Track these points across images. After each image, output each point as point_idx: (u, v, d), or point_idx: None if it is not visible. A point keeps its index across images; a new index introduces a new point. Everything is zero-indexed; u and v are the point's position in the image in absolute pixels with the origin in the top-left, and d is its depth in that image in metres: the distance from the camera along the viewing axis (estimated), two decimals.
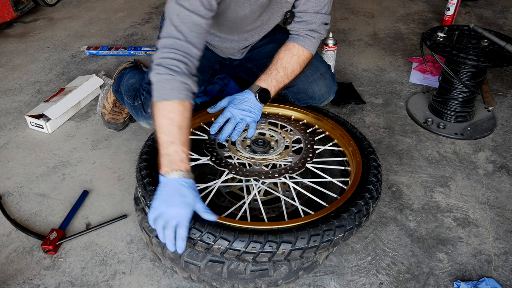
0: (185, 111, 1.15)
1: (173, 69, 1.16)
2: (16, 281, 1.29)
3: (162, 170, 1.09)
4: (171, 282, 1.28)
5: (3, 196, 1.59)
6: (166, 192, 1.06)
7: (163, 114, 1.13)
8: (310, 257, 1.14)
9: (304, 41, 1.46)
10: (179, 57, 1.17)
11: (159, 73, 1.15)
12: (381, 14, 3.11)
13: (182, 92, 1.15)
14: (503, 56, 1.77)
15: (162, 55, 1.17)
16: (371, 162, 1.29)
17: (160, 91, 1.15)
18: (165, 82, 1.14)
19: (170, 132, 1.11)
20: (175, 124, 1.12)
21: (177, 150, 1.09)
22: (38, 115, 1.92)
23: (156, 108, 1.15)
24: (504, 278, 1.30)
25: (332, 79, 1.64)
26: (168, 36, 1.18)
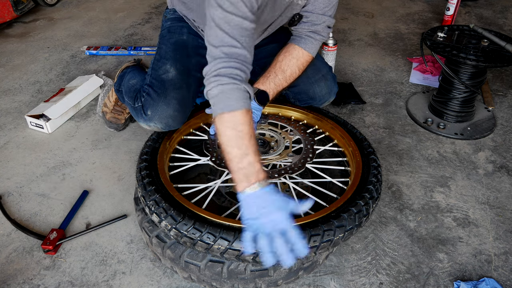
0: (251, 120, 1.10)
1: (236, 78, 1.11)
2: (16, 281, 1.29)
3: (240, 187, 1.01)
4: (171, 282, 1.28)
5: (3, 196, 1.59)
6: (254, 206, 0.98)
7: (231, 127, 1.06)
8: (310, 257, 1.14)
9: (306, 43, 1.45)
10: (239, 66, 1.12)
11: (222, 84, 1.09)
12: (381, 14, 3.11)
13: (246, 101, 1.10)
14: (503, 56, 1.77)
15: (220, 65, 1.11)
16: (371, 162, 1.29)
17: (225, 102, 1.08)
18: (230, 92, 1.09)
19: (241, 145, 1.04)
20: (246, 135, 1.05)
21: (251, 162, 1.02)
22: (38, 115, 1.92)
23: (220, 120, 1.08)
24: (504, 278, 1.30)
25: (333, 80, 1.65)
26: (222, 45, 1.13)
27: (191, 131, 1.46)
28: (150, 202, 1.12)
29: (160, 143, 1.34)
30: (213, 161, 1.27)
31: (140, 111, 1.50)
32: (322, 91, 1.60)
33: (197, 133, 1.45)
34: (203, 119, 1.49)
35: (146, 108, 1.49)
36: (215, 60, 1.12)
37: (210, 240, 1.03)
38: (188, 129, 1.46)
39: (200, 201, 1.20)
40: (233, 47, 1.13)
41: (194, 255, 1.12)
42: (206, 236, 1.03)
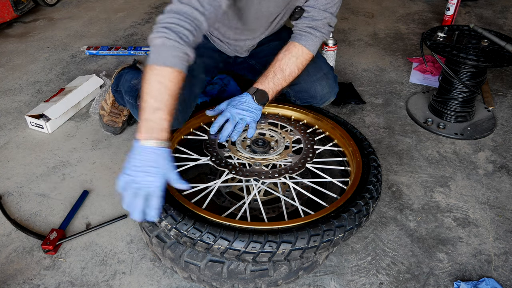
0: (181, 81, 1.12)
1: (183, 38, 1.12)
2: (16, 281, 1.29)
3: (140, 135, 1.05)
4: (171, 282, 1.28)
5: (3, 196, 1.59)
6: (140, 159, 1.03)
7: (158, 79, 1.08)
8: (310, 257, 1.14)
9: (306, 40, 1.45)
10: (191, 28, 1.13)
11: (167, 37, 1.10)
12: (381, 14, 3.11)
13: (184, 63, 1.13)
14: (503, 56, 1.77)
15: (174, 20, 1.12)
16: (371, 162, 1.29)
17: (162, 54, 1.09)
18: (171, 48, 1.10)
19: (160, 98, 1.06)
20: (169, 92, 1.08)
21: (162, 118, 1.05)
22: (38, 115, 1.92)
23: (151, 70, 1.09)
24: (504, 278, 1.30)
25: (334, 80, 1.65)
26: (187, 3, 1.14)
27: (191, 131, 1.46)
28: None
29: None
30: (213, 161, 1.26)
31: (136, 102, 1.50)
32: (323, 90, 1.60)
33: (197, 132, 1.45)
34: (203, 119, 1.49)
35: None
36: (172, 14, 1.13)
37: (210, 240, 1.03)
38: (188, 129, 1.46)
39: (200, 201, 1.20)
40: (195, 9, 1.14)
41: (194, 255, 1.12)
42: (206, 236, 1.03)
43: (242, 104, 1.38)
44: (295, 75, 1.46)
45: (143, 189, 1.01)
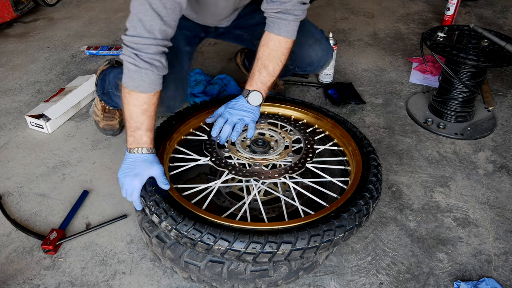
0: (157, 99, 1.23)
1: (155, 64, 1.18)
2: (16, 281, 1.29)
3: (127, 145, 1.23)
4: (171, 282, 1.28)
5: (3, 196, 1.59)
6: (126, 165, 1.21)
7: (134, 103, 1.19)
8: (310, 257, 1.14)
9: (279, 27, 1.39)
10: (160, 49, 1.18)
11: (138, 66, 1.16)
12: (381, 14, 3.11)
13: (158, 85, 1.21)
14: (503, 56, 1.77)
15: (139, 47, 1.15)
16: (371, 161, 1.29)
17: (135, 80, 1.17)
18: (146, 76, 1.17)
19: (139, 120, 1.20)
20: (145, 113, 1.20)
21: (142, 135, 1.21)
22: (38, 115, 1.92)
23: (128, 94, 1.19)
24: (504, 278, 1.30)
25: (327, 42, 1.65)
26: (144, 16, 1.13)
27: (191, 131, 1.46)
28: (150, 202, 1.12)
29: (160, 143, 1.34)
30: (213, 161, 1.26)
31: None
32: (318, 54, 1.60)
33: (197, 133, 1.45)
34: (203, 119, 1.49)
35: None
36: (135, 36, 1.15)
37: (210, 241, 1.03)
38: (188, 129, 1.46)
39: (200, 202, 1.20)
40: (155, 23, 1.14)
41: (194, 255, 1.12)
42: (206, 236, 1.03)
43: (238, 106, 1.39)
44: (281, 66, 1.44)
45: (128, 189, 1.19)
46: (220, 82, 2.09)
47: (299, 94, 2.19)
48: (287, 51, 1.43)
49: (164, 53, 1.21)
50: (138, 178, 1.18)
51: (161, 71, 1.20)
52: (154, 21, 1.14)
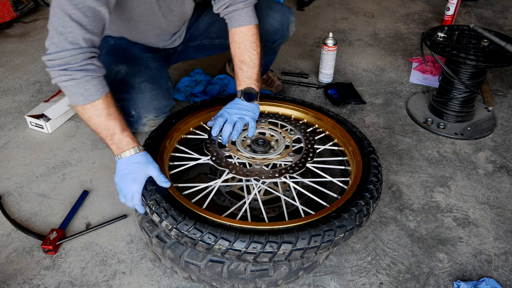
0: (112, 99, 1.19)
1: (90, 68, 1.13)
2: (16, 281, 1.29)
3: (115, 153, 1.21)
4: (171, 282, 1.28)
5: (3, 196, 1.59)
6: (120, 171, 1.19)
7: (95, 114, 1.16)
8: (310, 257, 1.14)
9: (237, 20, 1.40)
10: (88, 55, 1.13)
11: (75, 78, 1.11)
12: (381, 14, 3.11)
13: (104, 86, 1.17)
14: (503, 56, 1.77)
15: (66, 60, 1.10)
16: (371, 161, 1.29)
17: (84, 94, 1.13)
18: (87, 84, 1.13)
19: (109, 127, 1.18)
20: (111, 117, 1.18)
21: (121, 138, 1.19)
22: (38, 115, 1.92)
23: (85, 110, 1.16)
24: (504, 278, 1.30)
25: (280, 4, 1.65)
26: (65, 28, 1.09)
27: (191, 130, 1.46)
28: (150, 202, 1.12)
29: (160, 142, 1.34)
30: (213, 161, 1.26)
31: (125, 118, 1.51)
32: (277, 19, 1.61)
33: (197, 132, 1.45)
34: (203, 118, 1.49)
35: (128, 111, 1.48)
36: (59, 51, 1.10)
37: (211, 241, 1.03)
38: (188, 128, 1.46)
39: (201, 201, 1.20)
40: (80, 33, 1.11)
41: (194, 255, 1.12)
42: (207, 236, 1.03)
43: (236, 106, 1.39)
44: (257, 55, 1.44)
45: (128, 194, 1.17)
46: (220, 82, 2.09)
47: (299, 94, 2.19)
48: (255, 37, 1.44)
49: (95, 57, 1.16)
50: (136, 182, 1.16)
51: (99, 72, 1.16)
52: (76, 31, 1.10)
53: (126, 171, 1.18)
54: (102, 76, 1.17)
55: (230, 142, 1.35)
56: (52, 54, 1.10)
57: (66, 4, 1.08)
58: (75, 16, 1.09)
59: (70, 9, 1.08)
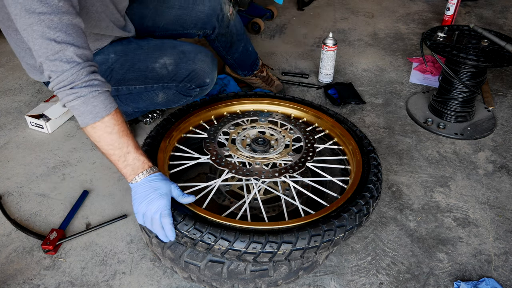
0: (121, 115, 1.13)
1: (94, 84, 1.08)
2: (16, 281, 1.29)
3: (129, 179, 1.11)
4: (171, 282, 1.28)
5: (3, 196, 1.59)
6: (140, 194, 1.09)
7: (108, 131, 1.09)
8: (310, 257, 1.14)
9: None
10: (89, 69, 1.09)
11: (82, 96, 1.07)
12: (381, 14, 3.11)
13: (112, 101, 1.11)
14: (503, 56, 1.77)
15: (70, 79, 1.06)
16: (371, 161, 1.29)
17: (93, 111, 1.08)
18: (94, 100, 1.08)
19: (122, 144, 1.10)
20: (124, 134, 1.11)
21: (135, 157, 1.11)
22: (38, 115, 1.92)
23: (95, 129, 1.09)
24: (504, 278, 1.30)
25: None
26: (56, 53, 1.05)
27: (190, 129, 1.46)
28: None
29: (159, 141, 1.34)
30: (213, 160, 1.26)
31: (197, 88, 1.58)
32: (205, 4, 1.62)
33: (197, 131, 1.45)
34: (203, 116, 1.49)
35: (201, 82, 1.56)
36: (61, 74, 1.06)
37: (210, 241, 1.03)
38: (188, 127, 1.46)
39: (200, 200, 1.20)
40: (69, 53, 1.06)
41: (194, 255, 1.12)
42: (206, 236, 1.03)
43: None
44: None
45: (155, 215, 1.06)
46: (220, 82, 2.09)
47: (299, 94, 2.19)
48: None
49: (96, 72, 1.12)
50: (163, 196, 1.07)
51: (104, 86, 1.11)
52: (68, 50, 1.06)
53: (150, 190, 1.08)
54: (108, 91, 1.12)
55: (229, 141, 1.35)
56: (55, 80, 1.07)
57: (46, 31, 1.04)
58: (60, 38, 1.05)
59: (52, 33, 1.04)
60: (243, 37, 1.94)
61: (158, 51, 1.51)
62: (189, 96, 1.61)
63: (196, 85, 1.58)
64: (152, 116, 1.94)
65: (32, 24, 1.04)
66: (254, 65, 2.06)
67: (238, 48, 1.94)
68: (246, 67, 2.05)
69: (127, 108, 1.73)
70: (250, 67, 2.05)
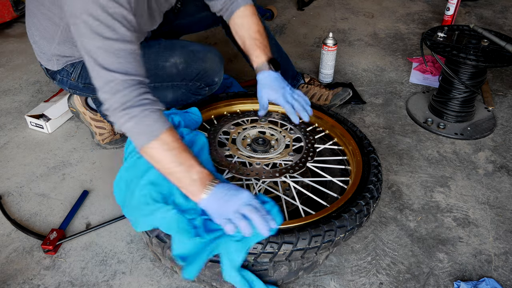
0: (176, 132, 1.11)
1: (145, 103, 1.06)
2: (16, 281, 1.29)
3: (199, 193, 1.04)
4: (171, 282, 1.28)
5: (3, 196, 1.59)
6: (216, 201, 1.03)
7: (166, 149, 1.05)
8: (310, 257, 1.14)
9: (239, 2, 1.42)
10: (139, 90, 1.07)
11: (134, 115, 1.04)
12: (381, 14, 3.11)
13: (165, 120, 1.09)
14: (503, 56, 1.77)
15: (121, 100, 1.04)
16: (372, 161, 1.29)
17: (147, 131, 1.05)
18: (147, 119, 1.05)
19: (185, 159, 1.06)
20: (183, 149, 1.07)
21: (199, 171, 1.06)
22: (38, 115, 1.92)
23: (153, 148, 1.05)
24: (504, 278, 1.30)
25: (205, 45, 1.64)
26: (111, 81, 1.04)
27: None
28: None
29: None
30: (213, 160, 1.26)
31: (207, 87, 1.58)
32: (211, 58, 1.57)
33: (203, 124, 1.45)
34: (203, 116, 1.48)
35: (210, 82, 1.55)
36: (113, 96, 1.05)
37: None
38: None
39: None
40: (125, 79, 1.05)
41: None
42: None
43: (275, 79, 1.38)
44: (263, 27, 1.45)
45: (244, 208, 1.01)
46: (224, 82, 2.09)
47: None
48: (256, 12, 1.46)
49: (149, 93, 1.10)
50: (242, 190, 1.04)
51: (156, 105, 1.08)
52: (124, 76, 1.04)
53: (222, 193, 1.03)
54: (160, 110, 1.09)
55: (230, 141, 1.35)
56: (108, 102, 1.06)
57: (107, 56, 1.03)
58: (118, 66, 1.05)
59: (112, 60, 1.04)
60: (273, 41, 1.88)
61: (169, 51, 1.51)
62: (198, 95, 1.60)
63: (206, 84, 1.57)
64: None
65: (99, 47, 1.02)
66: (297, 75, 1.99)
67: None
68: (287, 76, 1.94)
69: None
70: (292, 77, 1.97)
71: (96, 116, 1.75)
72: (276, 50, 1.86)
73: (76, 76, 1.52)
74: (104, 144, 1.79)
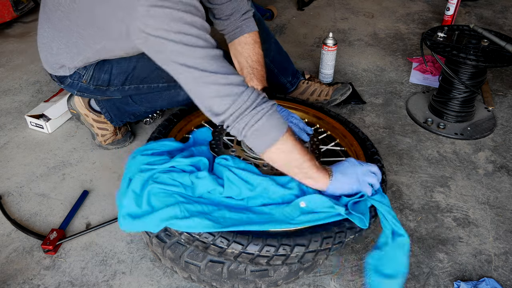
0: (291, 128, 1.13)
1: (265, 100, 1.05)
2: (16, 281, 1.29)
3: (326, 179, 1.11)
4: (171, 282, 1.28)
5: (3, 196, 1.59)
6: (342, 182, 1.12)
7: (294, 138, 1.08)
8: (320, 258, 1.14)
9: (248, 25, 1.41)
10: (251, 89, 1.05)
11: (266, 111, 1.03)
12: (381, 14, 3.11)
13: (284, 121, 1.09)
14: (503, 56, 1.77)
15: (252, 98, 1.03)
16: (375, 162, 1.29)
17: (279, 124, 1.05)
18: (270, 117, 1.04)
19: (305, 152, 1.09)
20: (301, 143, 1.12)
21: (316, 163, 1.12)
22: (38, 115, 1.92)
23: (285, 144, 1.06)
24: (504, 278, 1.30)
25: None
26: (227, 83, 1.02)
27: (192, 129, 1.46)
28: None
29: None
30: None
31: None
32: None
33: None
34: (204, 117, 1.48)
35: None
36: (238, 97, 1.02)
37: (223, 244, 1.01)
38: (190, 127, 1.46)
39: None
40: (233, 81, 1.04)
41: (194, 255, 1.12)
42: (219, 240, 1.02)
43: None
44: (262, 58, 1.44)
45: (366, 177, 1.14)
46: None
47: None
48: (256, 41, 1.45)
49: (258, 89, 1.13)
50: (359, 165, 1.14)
51: (274, 106, 1.07)
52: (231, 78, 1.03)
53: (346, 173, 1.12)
54: (276, 111, 1.08)
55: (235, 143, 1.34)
56: (233, 105, 1.02)
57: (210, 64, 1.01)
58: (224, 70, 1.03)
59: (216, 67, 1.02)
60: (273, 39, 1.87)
61: None
62: None
63: None
64: (152, 117, 1.94)
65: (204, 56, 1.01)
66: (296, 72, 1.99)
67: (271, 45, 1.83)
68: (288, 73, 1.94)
69: (139, 109, 1.69)
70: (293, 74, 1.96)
71: (100, 118, 1.74)
72: (276, 50, 1.86)
73: (88, 78, 1.49)
74: (106, 144, 1.79)
